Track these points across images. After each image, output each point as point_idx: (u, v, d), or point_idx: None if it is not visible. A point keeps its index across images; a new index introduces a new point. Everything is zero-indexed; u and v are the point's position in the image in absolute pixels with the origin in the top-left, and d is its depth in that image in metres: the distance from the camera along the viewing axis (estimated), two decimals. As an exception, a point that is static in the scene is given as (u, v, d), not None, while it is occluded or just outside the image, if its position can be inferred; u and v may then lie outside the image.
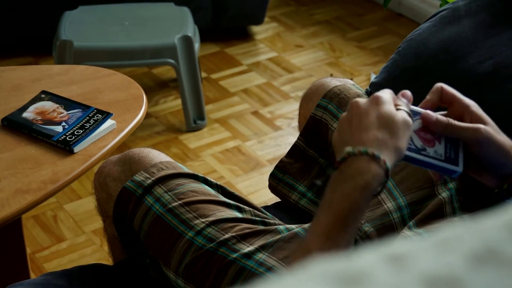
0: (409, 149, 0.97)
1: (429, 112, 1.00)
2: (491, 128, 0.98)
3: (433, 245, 0.30)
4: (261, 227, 1.23)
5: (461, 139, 0.99)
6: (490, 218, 0.31)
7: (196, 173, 1.32)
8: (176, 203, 1.24)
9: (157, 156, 1.35)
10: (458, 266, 0.29)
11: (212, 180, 1.33)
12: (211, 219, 1.22)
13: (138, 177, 1.29)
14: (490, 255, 0.29)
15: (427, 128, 1.00)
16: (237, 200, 1.31)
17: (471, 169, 1.01)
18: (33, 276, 1.91)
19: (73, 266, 1.36)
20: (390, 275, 0.28)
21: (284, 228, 1.23)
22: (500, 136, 0.99)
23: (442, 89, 1.02)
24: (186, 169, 1.33)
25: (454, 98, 1.01)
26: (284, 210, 1.45)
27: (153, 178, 1.28)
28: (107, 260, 2.06)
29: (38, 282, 1.26)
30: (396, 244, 0.30)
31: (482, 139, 0.97)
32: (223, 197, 1.29)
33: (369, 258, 0.28)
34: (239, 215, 1.25)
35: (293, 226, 1.24)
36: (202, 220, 1.22)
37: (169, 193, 1.26)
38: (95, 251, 2.14)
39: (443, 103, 1.02)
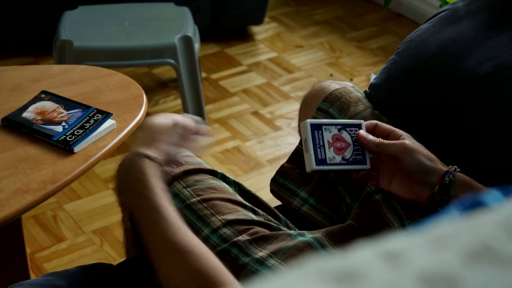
0: (318, 162, 1.17)
1: (363, 132, 1.19)
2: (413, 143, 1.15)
3: (429, 242, 0.30)
4: (274, 232, 1.23)
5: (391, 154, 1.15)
6: (485, 215, 0.31)
7: (215, 169, 1.33)
8: (194, 199, 1.25)
9: None
10: (453, 263, 0.29)
11: (230, 177, 1.34)
12: (227, 217, 1.22)
13: None
14: (485, 252, 0.29)
15: (341, 138, 1.19)
16: (253, 201, 1.32)
17: (403, 190, 1.16)
18: (33, 276, 1.91)
19: (73, 266, 1.36)
20: (385, 272, 0.28)
21: (297, 233, 1.23)
22: (423, 148, 1.15)
23: (376, 124, 1.20)
24: (205, 164, 1.34)
25: (390, 130, 1.18)
26: (287, 213, 1.45)
27: (172, 174, 1.29)
28: (107, 260, 2.06)
29: (39, 283, 1.26)
30: (392, 241, 0.30)
31: (409, 149, 1.12)
32: (239, 197, 1.30)
33: (365, 255, 0.29)
34: (254, 217, 1.26)
35: (305, 232, 1.24)
36: (219, 217, 1.22)
37: (188, 189, 1.26)
38: (95, 251, 2.15)
39: (380, 135, 1.18)
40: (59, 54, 2.50)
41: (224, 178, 1.33)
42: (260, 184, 2.40)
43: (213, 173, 1.32)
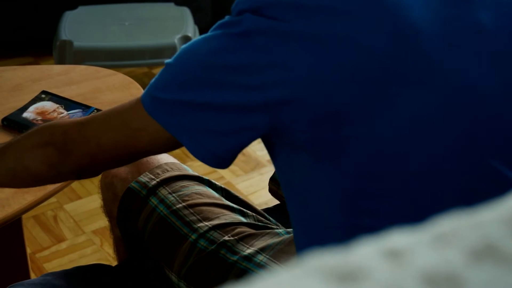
0: None
1: None
2: None
3: (432, 240, 0.30)
4: (261, 231, 1.23)
5: None
6: (488, 212, 0.31)
7: (200, 176, 1.33)
8: (180, 205, 1.25)
9: (165, 158, 1.35)
10: (457, 262, 0.29)
11: (216, 183, 1.34)
12: (214, 222, 1.22)
13: (143, 178, 1.29)
14: (489, 251, 0.29)
15: None
16: (241, 204, 1.31)
17: None
18: (33, 276, 1.91)
19: (73, 266, 1.36)
20: (388, 271, 0.28)
21: (284, 231, 1.24)
22: None
23: None
24: (191, 171, 1.34)
25: None
26: (285, 212, 1.45)
27: (157, 180, 1.28)
28: (107, 261, 2.06)
29: (38, 282, 1.26)
30: (394, 239, 0.30)
31: None
32: (227, 201, 1.29)
33: (367, 253, 0.28)
34: (242, 219, 1.25)
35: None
36: (206, 223, 1.22)
37: (174, 195, 1.26)
38: (95, 251, 2.14)
39: None
40: (59, 54, 2.50)
41: (210, 184, 1.33)
42: (260, 184, 2.40)
43: (198, 179, 1.32)
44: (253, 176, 2.46)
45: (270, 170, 2.45)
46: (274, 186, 1.47)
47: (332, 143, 0.87)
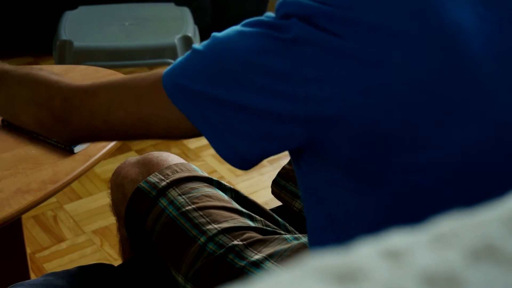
0: None
1: None
2: None
3: (431, 241, 0.30)
4: (269, 236, 1.23)
5: None
6: (488, 212, 0.31)
7: (210, 177, 1.33)
8: (189, 207, 1.24)
9: (175, 159, 1.35)
10: (456, 262, 0.29)
11: (226, 184, 1.34)
12: (223, 225, 1.22)
13: (153, 179, 1.29)
14: (488, 251, 0.29)
15: None
16: (250, 207, 1.31)
17: None
18: (33, 276, 1.91)
19: (73, 266, 1.36)
20: (387, 271, 0.28)
21: (292, 237, 1.23)
22: None
23: None
24: (200, 172, 1.34)
25: None
26: (287, 214, 1.45)
27: (167, 181, 1.28)
28: (107, 261, 2.06)
29: (39, 283, 1.26)
30: (393, 239, 0.30)
31: None
32: (236, 204, 1.29)
33: (366, 254, 0.28)
34: (251, 224, 1.25)
35: (301, 235, 1.24)
36: (215, 226, 1.22)
37: (183, 197, 1.26)
38: (95, 251, 2.14)
39: None
40: (59, 54, 2.50)
41: (219, 186, 1.32)
42: (260, 185, 2.40)
43: (208, 180, 1.32)
44: (253, 176, 2.46)
45: (270, 170, 2.45)
46: (277, 189, 1.47)
47: (372, 167, 0.83)
